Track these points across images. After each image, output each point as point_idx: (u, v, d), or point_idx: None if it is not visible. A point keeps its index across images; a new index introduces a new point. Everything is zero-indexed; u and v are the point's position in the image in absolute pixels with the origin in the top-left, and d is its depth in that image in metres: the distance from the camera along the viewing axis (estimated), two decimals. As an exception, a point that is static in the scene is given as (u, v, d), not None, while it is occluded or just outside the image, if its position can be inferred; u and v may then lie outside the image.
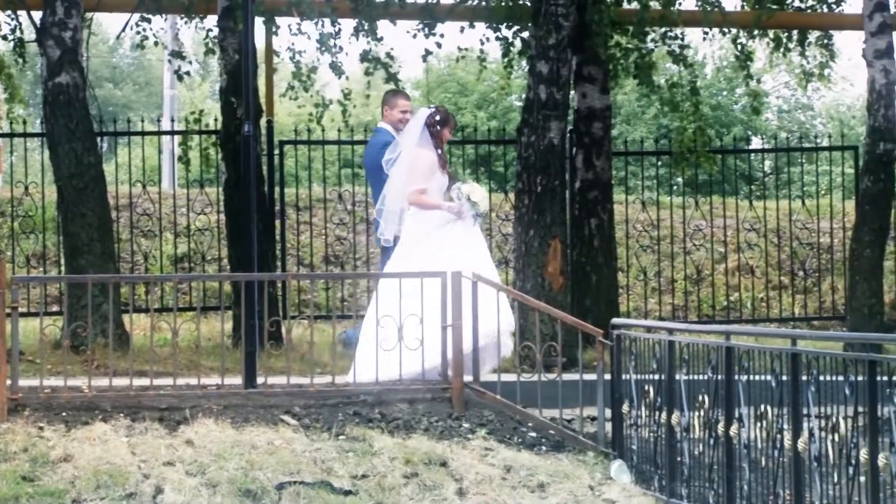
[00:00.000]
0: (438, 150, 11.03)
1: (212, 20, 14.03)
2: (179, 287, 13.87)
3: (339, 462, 9.05)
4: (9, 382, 9.45)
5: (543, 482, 9.08)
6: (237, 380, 10.08)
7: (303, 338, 11.65)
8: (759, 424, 7.99)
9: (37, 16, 12.74)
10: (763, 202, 17.24)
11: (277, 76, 15.67)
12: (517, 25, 14.50)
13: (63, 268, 12.89)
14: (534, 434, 9.77)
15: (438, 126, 11.03)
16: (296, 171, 15.63)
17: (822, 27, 15.59)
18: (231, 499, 8.63)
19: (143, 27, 14.38)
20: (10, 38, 14.20)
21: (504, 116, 31.90)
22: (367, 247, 15.41)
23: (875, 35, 13.07)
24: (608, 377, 9.82)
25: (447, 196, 10.93)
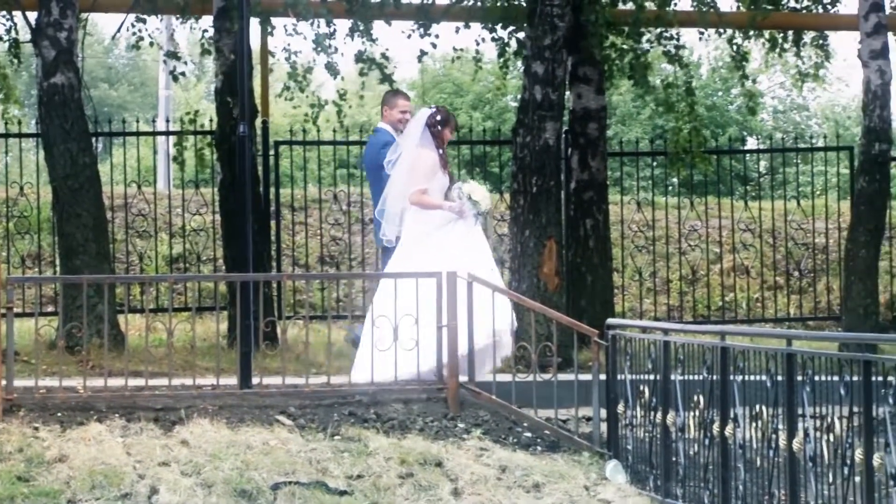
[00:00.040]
0: (440, 151, 11.00)
1: (207, 21, 14.05)
2: (175, 287, 13.88)
3: (335, 462, 9.05)
4: (4, 383, 9.45)
5: (539, 482, 9.07)
6: (232, 380, 10.07)
7: (298, 338, 11.66)
8: (755, 424, 7.99)
9: (32, 16, 12.73)
10: (758, 202, 17.28)
11: (273, 77, 15.69)
12: (513, 26, 14.52)
13: (58, 268, 12.87)
14: (529, 434, 9.76)
15: (439, 126, 11.01)
16: (291, 172, 15.60)
17: (818, 28, 15.61)
18: (226, 499, 8.62)
19: (139, 28, 14.41)
20: (6, 39, 14.22)
21: (499, 117, 31.85)
22: (363, 247, 15.41)
23: (870, 36, 13.09)
24: (603, 377, 9.80)
25: (448, 196, 10.91)
